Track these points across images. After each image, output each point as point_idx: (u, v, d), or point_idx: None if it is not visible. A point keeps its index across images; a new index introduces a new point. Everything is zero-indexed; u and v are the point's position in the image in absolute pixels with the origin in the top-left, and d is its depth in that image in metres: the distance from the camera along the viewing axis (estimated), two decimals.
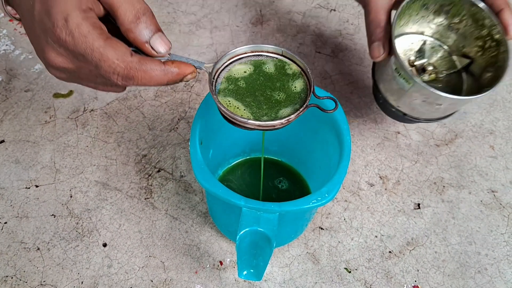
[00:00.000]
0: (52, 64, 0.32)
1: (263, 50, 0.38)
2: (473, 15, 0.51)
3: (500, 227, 0.53)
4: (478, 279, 0.49)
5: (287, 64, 0.38)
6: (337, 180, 0.38)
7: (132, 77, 0.31)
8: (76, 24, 0.29)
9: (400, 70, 0.47)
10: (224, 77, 0.37)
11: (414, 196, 0.55)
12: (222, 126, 0.47)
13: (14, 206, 0.52)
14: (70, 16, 0.29)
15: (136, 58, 0.31)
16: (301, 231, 0.50)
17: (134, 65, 0.31)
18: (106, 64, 0.30)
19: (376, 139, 0.59)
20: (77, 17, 0.29)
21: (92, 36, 0.29)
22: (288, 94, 0.37)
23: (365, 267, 0.49)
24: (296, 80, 0.38)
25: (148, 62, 0.31)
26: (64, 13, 0.29)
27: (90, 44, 0.29)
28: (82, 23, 0.29)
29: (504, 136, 0.61)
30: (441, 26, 0.54)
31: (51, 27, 0.29)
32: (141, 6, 0.31)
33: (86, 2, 0.30)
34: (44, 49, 0.31)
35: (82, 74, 0.33)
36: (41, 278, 0.47)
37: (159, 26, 0.33)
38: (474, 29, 0.51)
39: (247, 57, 0.38)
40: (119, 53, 0.30)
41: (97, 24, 0.30)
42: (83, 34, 0.29)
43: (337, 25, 0.71)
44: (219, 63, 0.37)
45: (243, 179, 0.54)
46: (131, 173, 0.55)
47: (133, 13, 0.31)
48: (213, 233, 0.51)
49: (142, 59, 0.31)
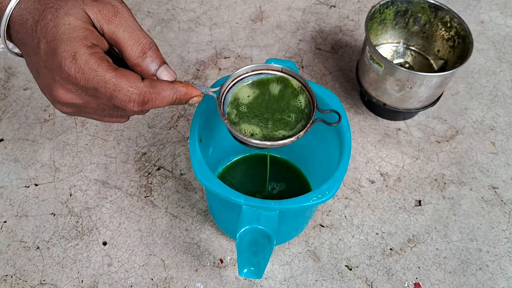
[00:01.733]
0: (60, 101, 0.33)
1: (263, 69, 0.39)
2: (441, 19, 0.58)
3: (501, 224, 0.53)
4: (479, 275, 0.49)
5: (288, 81, 0.39)
6: (338, 178, 0.38)
7: (147, 100, 0.32)
8: (85, 60, 0.30)
9: (373, 55, 0.53)
10: (230, 102, 0.38)
11: (415, 193, 0.55)
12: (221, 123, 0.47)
13: (14, 205, 0.52)
14: (77, 53, 0.30)
15: (147, 82, 0.32)
16: (302, 228, 0.50)
17: (148, 89, 0.32)
18: (121, 93, 0.31)
19: (377, 135, 0.59)
20: (85, 53, 0.30)
21: (102, 69, 0.30)
22: (294, 112, 0.38)
23: (366, 264, 0.49)
24: (299, 96, 0.39)
25: (158, 83, 0.33)
26: (71, 51, 0.30)
27: (102, 77, 0.30)
28: (90, 58, 0.30)
29: (505, 132, 0.60)
30: (415, 33, 0.61)
31: (59, 66, 0.30)
32: (146, 41, 0.33)
33: (91, 38, 0.31)
34: (51, 86, 0.32)
35: (90, 108, 0.34)
36: (41, 277, 0.47)
37: (163, 58, 0.34)
38: (444, 32, 0.58)
39: (249, 76, 0.39)
40: (131, 80, 0.31)
41: (104, 57, 0.31)
42: (93, 68, 0.30)
43: (337, 22, 0.71)
44: (224, 86, 0.38)
45: (243, 177, 0.53)
46: (130, 171, 0.54)
47: (139, 48, 0.32)
48: (213, 231, 0.51)
49: (153, 82, 0.32)
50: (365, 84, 0.58)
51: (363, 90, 0.58)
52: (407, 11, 0.59)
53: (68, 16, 0.30)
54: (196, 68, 0.64)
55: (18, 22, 0.32)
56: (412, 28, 0.61)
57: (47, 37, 0.30)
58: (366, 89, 0.58)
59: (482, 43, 0.70)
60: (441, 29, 0.58)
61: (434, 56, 0.61)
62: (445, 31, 0.58)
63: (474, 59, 0.68)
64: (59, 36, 0.30)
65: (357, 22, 0.71)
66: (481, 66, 0.67)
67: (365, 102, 0.62)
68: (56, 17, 0.30)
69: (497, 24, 0.72)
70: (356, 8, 0.73)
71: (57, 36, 0.30)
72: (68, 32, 0.30)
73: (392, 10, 0.58)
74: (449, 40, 0.58)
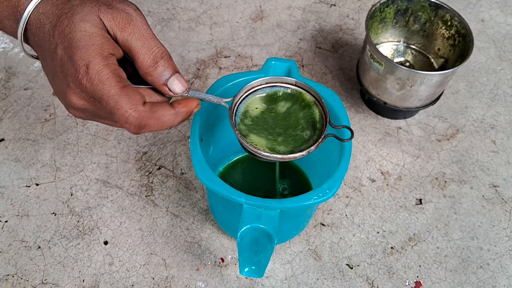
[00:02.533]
0: (74, 106, 0.33)
1: (277, 81, 0.39)
2: (441, 18, 0.58)
3: (502, 222, 0.53)
4: (480, 274, 0.49)
5: (302, 95, 0.39)
6: (338, 177, 0.38)
7: (144, 125, 0.32)
8: (97, 71, 0.30)
9: (374, 54, 0.53)
10: (242, 113, 0.38)
11: (415, 191, 0.55)
12: (222, 123, 0.47)
13: (15, 204, 0.52)
14: (91, 63, 0.30)
15: (148, 107, 0.32)
16: (303, 227, 0.50)
17: (147, 113, 0.31)
18: (119, 112, 0.31)
19: (378, 134, 0.59)
20: (98, 64, 0.30)
21: (110, 83, 0.30)
22: (305, 126, 0.38)
23: (367, 263, 0.49)
24: (311, 110, 0.38)
25: (160, 108, 0.32)
26: (86, 60, 0.30)
27: (107, 91, 0.30)
28: (103, 69, 0.30)
29: (506, 130, 0.60)
30: (415, 32, 0.61)
31: (74, 73, 0.30)
32: (159, 50, 0.32)
33: (107, 48, 0.31)
34: (66, 92, 0.32)
35: (102, 114, 0.34)
36: (42, 277, 0.47)
37: (176, 67, 0.33)
38: (444, 30, 0.58)
39: (262, 89, 0.39)
40: (133, 102, 0.31)
41: (116, 71, 0.31)
42: (102, 80, 0.30)
43: (337, 20, 0.71)
44: (237, 97, 0.38)
45: (244, 176, 0.53)
46: (131, 171, 0.55)
47: (151, 57, 0.32)
48: (214, 230, 0.51)
49: (154, 107, 0.32)
50: (366, 83, 0.58)
51: (364, 89, 0.58)
52: (408, 9, 0.59)
53: (84, 22, 0.30)
54: (196, 67, 0.64)
55: (36, 26, 0.32)
56: (413, 26, 0.61)
57: (64, 43, 0.30)
58: (367, 88, 0.58)
59: (483, 42, 0.70)
60: (442, 28, 0.58)
61: (435, 54, 0.61)
62: (445, 30, 0.58)
63: (475, 58, 0.68)
64: (75, 43, 0.30)
65: (357, 21, 0.71)
66: (481, 65, 0.67)
67: (365, 101, 0.62)
68: (72, 23, 0.30)
69: (498, 22, 0.72)
70: (357, 7, 0.73)
71: (73, 43, 0.30)
72: (84, 39, 0.30)
73: (392, 8, 0.58)
74: (449, 39, 0.58)
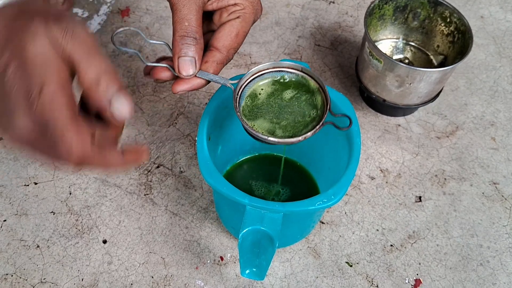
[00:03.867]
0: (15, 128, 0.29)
1: (283, 66, 0.39)
2: (440, 14, 0.57)
3: (502, 219, 0.53)
4: (480, 271, 0.49)
5: (306, 81, 0.39)
6: (344, 183, 0.38)
7: (87, 163, 0.30)
8: (51, 94, 0.28)
9: (373, 51, 0.53)
10: (247, 95, 0.39)
11: (415, 189, 0.54)
12: (232, 122, 0.47)
13: (13, 203, 0.52)
14: (46, 85, 0.28)
15: (97, 147, 0.30)
16: (308, 232, 0.49)
17: (93, 153, 0.29)
18: (64, 143, 0.29)
19: (377, 132, 0.59)
20: (53, 87, 0.28)
21: (61, 111, 0.28)
22: (306, 112, 0.38)
23: (366, 261, 0.49)
24: (314, 97, 0.39)
25: (108, 152, 0.31)
26: (41, 82, 0.28)
27: (55, 119, 0.28)
28: (57, 94, 0.28)
29: (506, 127, 0.60)
30: (414, 29, 0.61)
31: (25, 93, 0.28)
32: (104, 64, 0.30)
33: (65, 70, 0.29)
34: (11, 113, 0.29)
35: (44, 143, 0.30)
36: (41, 276, 0.47)
37: (120, 83, 0.31)
38: (443, 27, 0.58)
39: (268, 73, 0.39)
40: (81, 136, 0.29)
41: (71, 99, 0.29)
42: (54, 105, 0.28)
43: (336, 18, 0.71)
44: (242, 79, 0.38)
45: (251, 176, 0.53)
46: (130, 169, 0.54)
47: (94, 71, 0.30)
48: (213, 228, 0.51)
49: (103, 148, 0.30)
50: (365, 80, 0.57)
51: (363, 86, 0.58)
52: (406, 6, 0.59)
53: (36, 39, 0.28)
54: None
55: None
56: (412, 23, 0.60)
57: (15, 62, 0.28)
58: (366, 85, 0.58)
59: (482, 38, 0.69)
60: (441, 25, 0.58)
61: (434, 51, 0.60)
62: (444, 27, 0.58)
63: (474, 54, 0.67)
64: (29, 63, 0.28)
65: (356, 18, 0.71)
66: (481, 61, 0.67)
67: (364, 98, 0.61)
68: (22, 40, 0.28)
69: (497, 19, 0.72)
70: (355, 4, 0.73)
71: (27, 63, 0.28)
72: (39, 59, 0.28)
73: (391, 5, 0.58)
74: (448, 36, 0.58)
